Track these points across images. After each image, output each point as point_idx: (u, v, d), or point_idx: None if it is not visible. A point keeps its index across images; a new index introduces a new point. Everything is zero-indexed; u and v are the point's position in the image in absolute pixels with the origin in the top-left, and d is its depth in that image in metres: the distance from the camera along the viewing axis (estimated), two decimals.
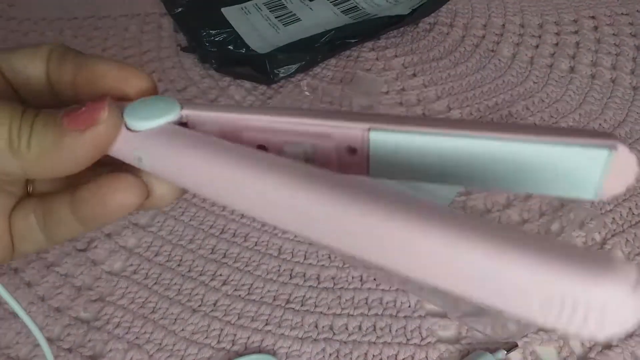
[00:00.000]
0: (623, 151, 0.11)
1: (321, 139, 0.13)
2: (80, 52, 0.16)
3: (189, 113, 0.14)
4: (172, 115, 0.13)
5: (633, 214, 0.28)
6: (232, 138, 0.13)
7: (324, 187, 0.10)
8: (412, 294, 0.25)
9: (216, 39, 0.38)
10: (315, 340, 0.24)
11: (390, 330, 0.24)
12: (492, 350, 0.22)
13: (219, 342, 0.24)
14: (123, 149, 0.14)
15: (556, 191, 0.12)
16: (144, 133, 0.13)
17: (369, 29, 0.38)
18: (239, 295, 0.25)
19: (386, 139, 0.12)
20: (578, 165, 0.11)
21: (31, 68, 0.16)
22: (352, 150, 0.13)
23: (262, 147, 0.14)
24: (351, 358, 0.23)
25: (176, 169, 0.13)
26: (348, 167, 0.13)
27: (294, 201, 0.10)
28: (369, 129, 0.12)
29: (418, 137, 0.12)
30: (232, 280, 0.26)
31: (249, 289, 0.25)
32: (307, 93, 0.34)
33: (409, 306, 0.24)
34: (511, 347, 0.23)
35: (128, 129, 0.13)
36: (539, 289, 0.08)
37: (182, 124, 0.14)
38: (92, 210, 0.15)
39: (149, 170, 0.13)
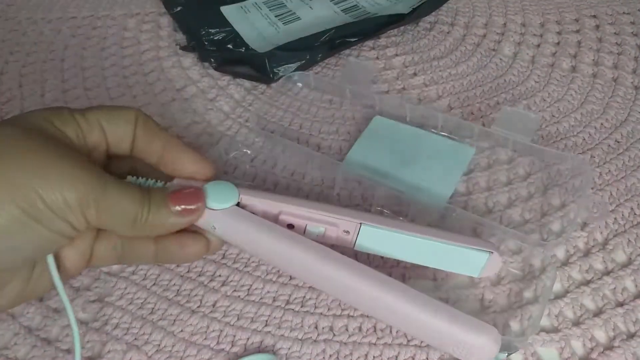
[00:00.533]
0: (496, 256, 0.22)
1: (330, 225, 0.22)
2: (161, 127, 0.21)
3: (244, 197, 0.21)
4: (235, 199, 0.21)
5: (635, 214, 0.28)
6: (271, 217, 0.21)
7: (326, 258, 0.20)
8: None
9: (215, 38, 0.38)
10: (315, 341, 0.23)
11: (390, 332, 0.24)
12: None
13: (218, 343, 0.23)
14: (202, 220, 0.21)
15: (457, 269, 0.23)
16: (219, 211, 0.21)
17: (370, 28, 0.38)
18: (239, 296, 0.25)
19: (368, 230, 0.22)
20: (471, 258, 0.22)
21: (122, 130, 0.20)
22: (347, 232, 0.22)
23: (291, 226, 0.22)
24: (351, 359, 0.23)
25: (239, 237, 0.21)
26: (343, 241, 0.22)
27: (308, 263, 0.20)
28: (360, 224, 0.22)
29: (386, 233, 0.22)
30: (231, 281, 0.26)
31: (249, 289, 0.25)
32: (299, 84, 0.34)
33: None
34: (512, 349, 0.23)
35: (207, 207, 0.21)
36: (451, 337, 0.19)
37: (240, 204, 0.21)
38: (172, 255, 0.21)
39: (219, 235, 0.21)
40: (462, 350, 0.19)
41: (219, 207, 0.20)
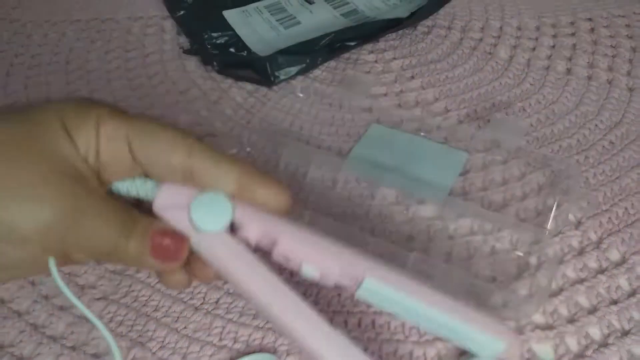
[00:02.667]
0: (514, 343, 0.19)
1: (328, 269, 0.18)
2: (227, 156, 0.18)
3: (240, 213, 0.18)
4: (227, 219, 0.18)
5: (629, 213, 0.28)
6: (267, 244, 0.18)
7: (301, 322, 0.17)
8: None
9: (218, 42, 0.39)
10: None
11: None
12: None
13: (220, 339, 0.24)
14: (187, 233, 0.18)
15: (469, 347, 0.19)
16: (202, 234, 0.18)
17: (368, 32, 0.39)
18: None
19: (372, 284, 0.18)
20: (484, 342, 0.19)
21: (172, 160, 0.17)
22: (344, 284, 0.19)
23: (286, 257, 0.18)
24: None
25: (218, 264, 0.18)
26: (342, 286, 0.19)
27: (275, 313, 0.17)
28: (364, 276, 0.18)
29: (392, 292, 0.18)
30: None
31: None
32: (300, 95, 0.35)
33: None
34: None
35: (193, 225, 0.17)
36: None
37: (234, 222, 0.18)
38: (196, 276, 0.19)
39: (198, 252, 0.18)
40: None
41: (206, 230, 0.17)
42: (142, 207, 0.18)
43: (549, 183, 0.30)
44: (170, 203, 0.17)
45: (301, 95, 0.35)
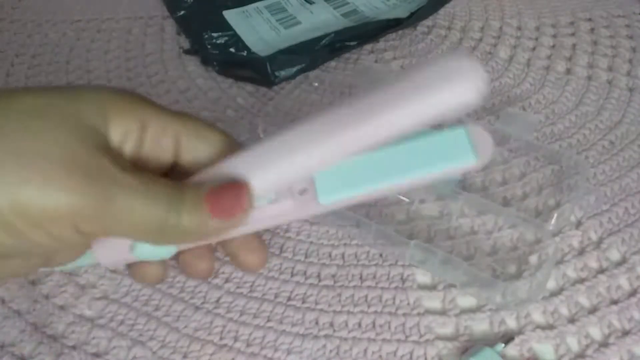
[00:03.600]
0: (477, 129, 0.17)
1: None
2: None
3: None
4: None
5: (629, 213, 0.28)
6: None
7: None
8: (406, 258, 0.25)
9: (218, 42, 0.39)
10: (316, 336, 0.24)
11: (389, 327, 0.24)
12: (490, 345, 0.23)
13: (221, 338, 0.24)
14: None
15: (448, 164, 0.17)
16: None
17: (368, 32, 0.39)
18: (241, 293, 0.25)
19: (325, 175, 0.17)
20: (451, 142, 0.17)
21: (205, 155, 0.17)
22: (304, 190, 0.17)
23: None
24: (351, 354, 0.23)
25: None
26: (303, 204, 0.17)
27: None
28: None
29: (346, 164, 0.16)
30: (234, 278, 0.26)
31: (251, 286, 0.26)
32: (315, 84, 0.35)
33: (408, 304, 0.25)
34: (508, 339, 0.23)
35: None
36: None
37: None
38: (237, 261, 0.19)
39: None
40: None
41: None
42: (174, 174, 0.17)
43: (556, 179, 0.30)
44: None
45: (315, 83, 0.35)
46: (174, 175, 0.17)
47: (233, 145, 0.17)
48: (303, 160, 0.15)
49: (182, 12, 0.42)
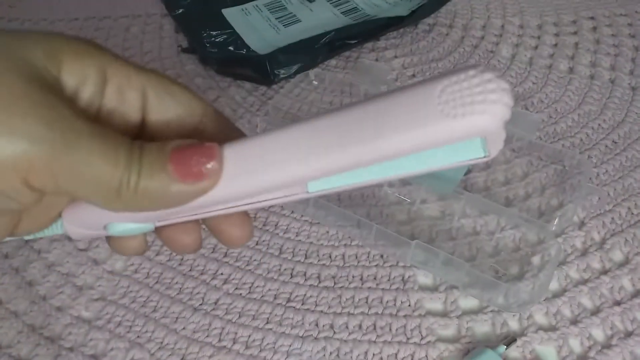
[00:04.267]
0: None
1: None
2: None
3: None
4: None
5: (632, 213, 0.28)
6: None
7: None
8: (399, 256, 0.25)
9: (217, 40, 0.39)
10: (315, 339, 0.24)
11: (390, 329, 0.24)
12: (492, 347, 0.23)
13: (220, 340, 0.24)
14: None
15: (455, 158, 0.14)
16: None
17: (369, 30, 0.38)
18: (240, 294, 0.25)
19: (319, 185, 0.15)
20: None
21: (186, 122, 0.15)
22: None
23: None
24: (351, 357, 0.23)
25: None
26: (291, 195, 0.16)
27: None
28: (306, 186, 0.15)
29: (337, 179, 0.15)
30: (233, 279, 0.26)
31: (250, 287, 0.26)
32: (315, 82, 0.35)
33: (409, 305, 0.25)
34: (510, 341, 0.23)
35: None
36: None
37: None
38: (219, 235, 0.16)
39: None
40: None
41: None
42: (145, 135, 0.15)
43: (558, 179, 0.29)
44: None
45: (314, 81, 0.35)
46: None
47: (206, 109, 0.15)
48: (293, 171, 0.14)
49: (180, 10, 0.41)
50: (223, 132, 0.15)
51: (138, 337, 0.24)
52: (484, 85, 0.12)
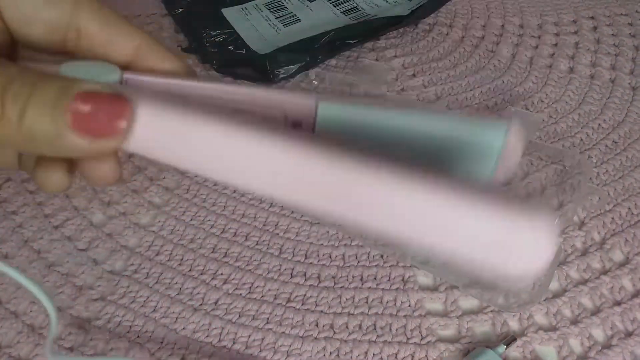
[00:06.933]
0: (516, 131, 0.13)
1: (270, 110, 0.13)
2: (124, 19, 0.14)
3: (130, 77, 0.13)
4: (112, 77, 0.13)
5: (632, 213, 0.28)
6: None
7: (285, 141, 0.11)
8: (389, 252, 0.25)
9: (217, 40, 0.39)
10: (316, 339, 0.24)
11: (390, 329, 0.24)
12: (492, 347, 0.23)
13: (220, 340, 0.24)
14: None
15: (467, 157, 0.13)
16: None
17: (369, 30, 0.38)
18: (240, 294, 0.25)
19: (332, 113, 0.13)
20: (482, 135, 0.13)
21: (49, 15, 0.13)
22: (297, 123, 0.13)
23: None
24: (351, 357, 0.23)
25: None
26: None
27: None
28: (316, 104, 0.13)
29: (361, 111, 0.13)
30: (233, 279, 0.26)
31: (250, 287, 0.26)
32: (315, 82, 0.35)
33: (409, 305, 0.25)
34: (510, 341, 0.23)
35: None
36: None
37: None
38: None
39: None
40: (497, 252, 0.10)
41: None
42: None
43: (559, 179, 0.29)
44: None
45: (314, 80, 0.35)
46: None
47: (143, 40, 0.14)
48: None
49: (180, 10, 0.41)
50: (160, 67, 0.14)
51: (138, 337, 0.24)
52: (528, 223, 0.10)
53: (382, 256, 0.26)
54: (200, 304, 0.25)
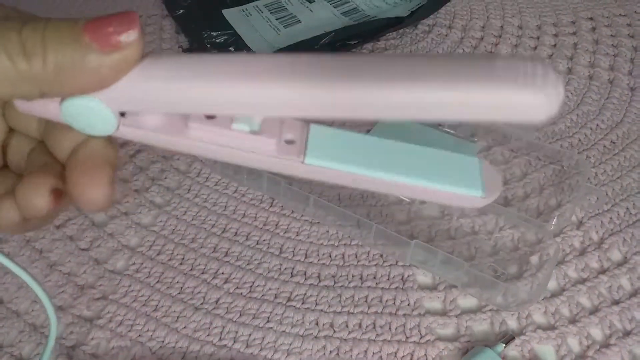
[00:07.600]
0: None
1: (265, 129, 0.14)
2: None
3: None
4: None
5: (630, 213, 0.28)
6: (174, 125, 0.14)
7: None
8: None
9: (217, 41, 0.39)
10: (316, 337, 0.24)
11: (389, 328, 0.24)
12: (491, 346, 0.23)
13: (220, 339, 0.24)
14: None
15: (454, 186, 0.15)
16: None
17: (369, 31, 0.38)
18: (241, 293, 0.25)
19: (321, 132, 0.14)
20: (463, 166, 0.15)
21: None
22: (290, 141, 0.14)
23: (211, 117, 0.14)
24: (351, 355, 0.23)
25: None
26: (286, 156, 0.14)
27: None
28: (308, 124, 0.14)
29: (350, 135, 0.15)
30: (233, 279, 0.26)
31: (251, 287, 0.26)
32: None
33: (409, 304, 0.25)
34: (508, 340, 0.23)
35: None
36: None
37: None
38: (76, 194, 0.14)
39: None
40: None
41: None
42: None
43: (557, 179, 0.30)
44: None
45: None
46: None
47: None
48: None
49: (181, 11, 0.41)
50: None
51: (139, 335, 0.24)
52: (545, 70, 0.11)
53: (381, 255, 0.27)
54: (201, 303, 0.25)
